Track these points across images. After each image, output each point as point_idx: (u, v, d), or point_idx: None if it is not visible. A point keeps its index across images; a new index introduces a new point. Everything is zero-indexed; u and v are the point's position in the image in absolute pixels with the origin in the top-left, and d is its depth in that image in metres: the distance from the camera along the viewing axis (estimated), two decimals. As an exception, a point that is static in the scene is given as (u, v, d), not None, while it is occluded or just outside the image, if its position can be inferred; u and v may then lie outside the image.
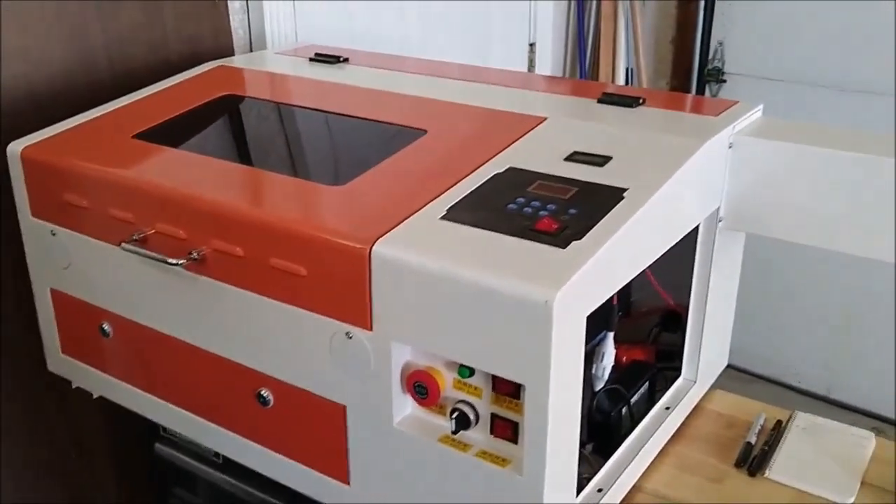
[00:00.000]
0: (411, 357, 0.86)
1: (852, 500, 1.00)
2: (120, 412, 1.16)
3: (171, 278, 0.99)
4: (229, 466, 1.14)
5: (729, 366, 1.27)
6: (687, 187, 0.94)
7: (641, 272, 1.08)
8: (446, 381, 0.85)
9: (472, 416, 0.84)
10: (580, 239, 0.79)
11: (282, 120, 1.16)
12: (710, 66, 2.66)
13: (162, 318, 1.04)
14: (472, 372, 0.83)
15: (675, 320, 1.14)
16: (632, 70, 2.61)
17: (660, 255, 0.92)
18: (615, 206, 0.84)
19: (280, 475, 1.01)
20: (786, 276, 2.67)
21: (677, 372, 1.15)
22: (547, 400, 0.75)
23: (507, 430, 0.83)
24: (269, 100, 1.21)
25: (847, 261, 2.47)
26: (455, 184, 0.90)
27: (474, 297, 0.76)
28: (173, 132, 1.13)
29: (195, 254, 0.94)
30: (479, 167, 0.93)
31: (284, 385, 0.94)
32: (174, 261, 0.94)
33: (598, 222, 0.82)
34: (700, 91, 2.71)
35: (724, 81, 2.65)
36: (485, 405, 0.84)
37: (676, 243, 0.97)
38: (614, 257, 0.81)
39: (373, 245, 0.81)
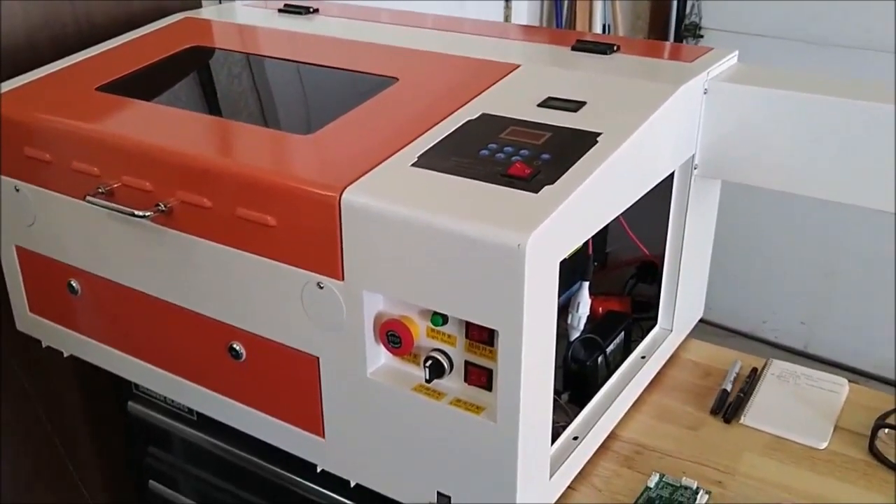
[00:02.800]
0: (384, 306, 0.85)
1: (826, 444, 1.01)
2: (92, 371, 1.14)
3: (138, 232, 0.97)
4: (204, 423, 1.13)
5: (706, 321, 1.27)
6: (661, 133, 0.93)
7: (617, 222, 1.07)
8: (420, 329, 0.84)
9: (446, 365, 0.83)
10: (553, 183, 0.78)
11: (249, 70, 1.14)
12: (686, 21, 2.64)
13: (130, 273, 1.02)
14: (445, 320, 0.82)
15: (652, 271, 1.14)
16: (608, 26, 2.59)
17: (634, 201, 0.91)
18: (588, 150, 0.83)
19: (254, 430, 1.00)
20: (763, 231, 2.67)
21: (654, 322, 1.14)
22: (520, 345, 0.75)
23: (481, 377, 0.82)
24: (236, 50, 1.18)
25: (824, 214, 2.48)
26: (426, 131, 0.88)
27: (446, 243, 0.75)
28: (138, 84, 1.10)
29: (162, 206, 0.92)
30: (451, 114, 0.91)
31: (256, 338, 0.93)
32: (141, 213, 0.92)
33: (571, 167, 0.80)
34: (677, 47, 2.70)
35: (702, 37, 2.63)
36: (459, 353, 0.83)
37: (652, 193, 0.96)
38: (587, 201, 0.80)
39: (342, 192, 0.80)
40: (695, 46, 1.11)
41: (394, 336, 0.84)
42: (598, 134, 0.85)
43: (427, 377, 0.83)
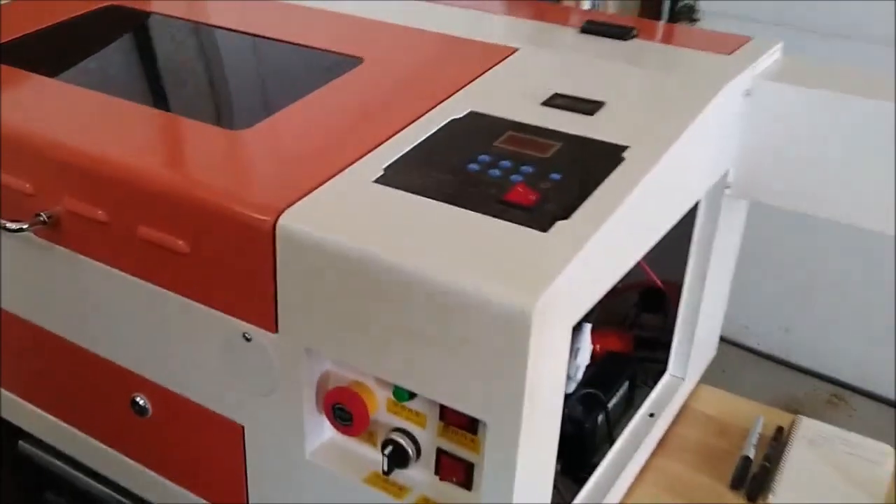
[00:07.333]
0: (331, 367, 0.64)
1: (876, 535, 0.83)
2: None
3: (21, 247, 0.76)
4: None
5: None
6: (698, 146, 0.73)
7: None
8: (378, 400, 0.64)
9: (410, 451, 0.64)
10: (568, 217, 0.58)
11: (178, 42, 0.92)
12: (681, 3, 2.47)
13: (13, 297, 0.81)
14: (412, 394, 0.62)
15: (657, 300, 0.94)
16: (598, 5, 2.42)
17: (662, 236, 0.71)
18: (613, 170, 0.63)
19: (161, 501, 0.80)
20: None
21: (658, 364, 0.95)
22: (517, 441, 0.55)
23: (458, 471, 0.63)
24: (164, 14, 0.96)
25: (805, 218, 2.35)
26: (397, 132, 0.69)
27: (417, 297, 0.55)
28: (34, 50, 0.88)
29: (44, 216, 0.71)
30: (429, 110, 0.73)
31: (164, 392, 0.74)
32: (14, 226, 0.71)
33: (591, 193, 0.60)
34: (669, 30, 2.54)
35: (697, 20, 2.47)
36: (429, 436, 0.64)
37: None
38: (613, 242, 0.60)
39: (279, 216, 0.60)
40: (730, 35, 0.91)
41: (342, 411, 0.63)
42: (625, 148, 0.65)
43: (385, 468, 0.63)
